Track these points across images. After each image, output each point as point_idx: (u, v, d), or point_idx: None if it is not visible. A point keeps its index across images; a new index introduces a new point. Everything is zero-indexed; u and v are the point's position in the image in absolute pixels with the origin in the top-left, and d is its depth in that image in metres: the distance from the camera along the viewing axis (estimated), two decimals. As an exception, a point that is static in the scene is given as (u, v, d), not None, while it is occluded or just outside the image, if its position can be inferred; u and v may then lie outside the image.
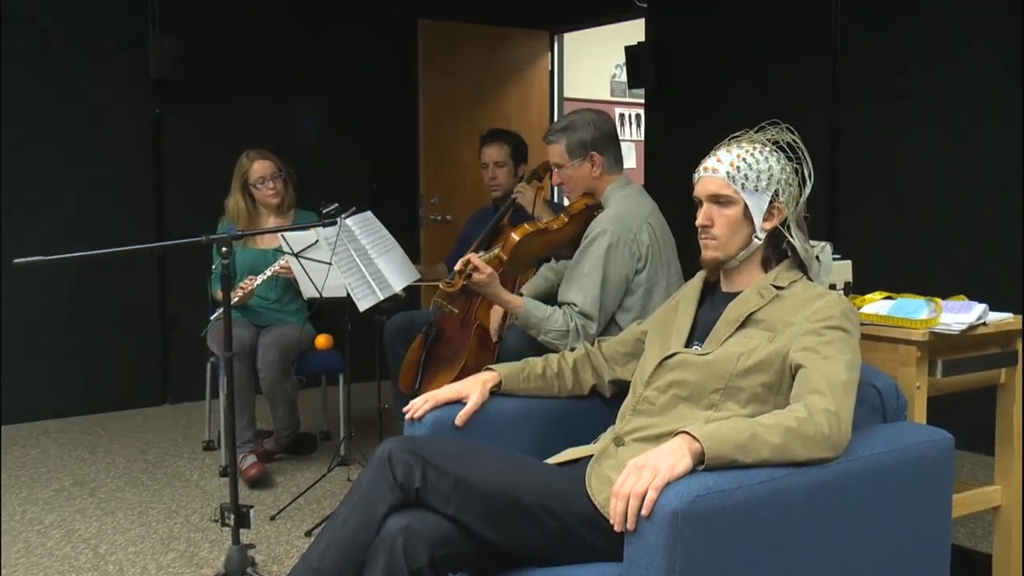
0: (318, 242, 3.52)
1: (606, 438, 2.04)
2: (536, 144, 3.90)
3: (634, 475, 1.57)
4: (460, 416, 2.11)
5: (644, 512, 1.53)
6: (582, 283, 2.81)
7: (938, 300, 2.38)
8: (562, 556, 1.82)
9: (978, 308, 2.34)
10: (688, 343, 2.05)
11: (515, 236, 2.96)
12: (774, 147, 2.05)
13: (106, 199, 5.01)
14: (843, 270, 2.51)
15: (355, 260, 3.32)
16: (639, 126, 7.73)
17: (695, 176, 2.07)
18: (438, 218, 5.96)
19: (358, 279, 3.31)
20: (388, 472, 1.83)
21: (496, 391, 2.18)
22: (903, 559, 1.84)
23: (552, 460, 2.06)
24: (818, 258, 2.16)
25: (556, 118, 6.39)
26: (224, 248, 2.57)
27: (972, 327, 2.32)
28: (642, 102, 6.08)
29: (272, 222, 4.11)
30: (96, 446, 4.45)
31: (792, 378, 1.86)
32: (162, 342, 5.23)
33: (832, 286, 2.44)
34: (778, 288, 1.99)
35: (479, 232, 3.62)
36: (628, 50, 5.70)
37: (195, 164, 5.15)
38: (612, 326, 2.86)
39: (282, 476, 3.97)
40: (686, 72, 5.46)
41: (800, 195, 2.06)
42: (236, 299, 3.75)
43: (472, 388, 2.15)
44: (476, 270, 2.79)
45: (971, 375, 2.42)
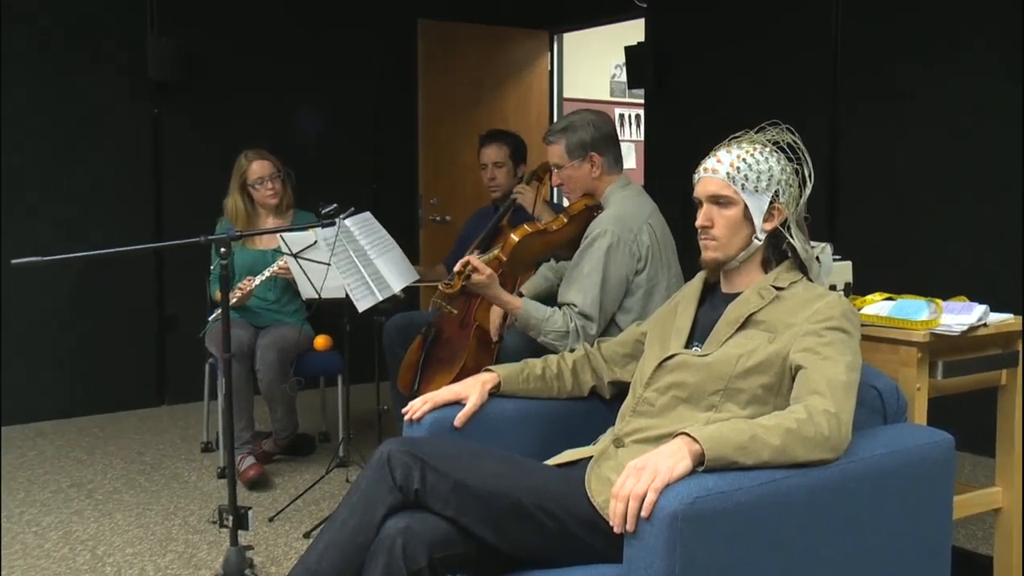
0: (317, 243, 3.51)
1: (606, 439, 2.04)
2: (536, 144, 3.89)
3: (634, 477, 1.56)
4: (459, 417, 2.10)
5: (644, 514, 1.52)
6: (582, 284, 2.80)
7: (939, 301, 2.37)
8: (561, 558, 1.81)
9: (979, 309, 2.34)
10: (688, 344, 2.05)
11: (514, 237, 2.95)
12: (774, 147, 2.05)
13: (105, 199, 5.01)
14: (843, 271, 2.51)
15: (354, 261, 3.32)
16: (639, 126, 7.73)
17: (695, 177, 2.06)
18: (437, 219, 5.95)
19: (357, 280, 3.31)
20: (387, 473, 1.83)
21: (495, 392, 2.18)
22: (904, 561, 1.83)
23: (551, 461, 2.06)
24: (818, 259, 2.16)
25: (556, 118, 6.39)
26: (223, 248, 2.56)
27: (973, 328, 2.32)
28: (642, 102, 6.08)
29: (271, 222, 4.10)
30: (94, 447, 4.44)
31: (792, 379, 1.86)
32: (160, 343, 5.22)
33: (832, 287, 2.43)
34: (778, 289, 1.99)
35: (478, 233, 3.61)
36: (628, 50, 5.70)
37: (194, 164, 5.14)
38: (612, 327, 2.85)
39: (281, 477, 3.97)
40: (686, 72, 5.45)
41: (800, 196, 2.05)
42: (235, 300, 3.75)
43: (471, 389, 2.15)
44: (475, 271, 2.78)
45: (972, 376, 2.41)
